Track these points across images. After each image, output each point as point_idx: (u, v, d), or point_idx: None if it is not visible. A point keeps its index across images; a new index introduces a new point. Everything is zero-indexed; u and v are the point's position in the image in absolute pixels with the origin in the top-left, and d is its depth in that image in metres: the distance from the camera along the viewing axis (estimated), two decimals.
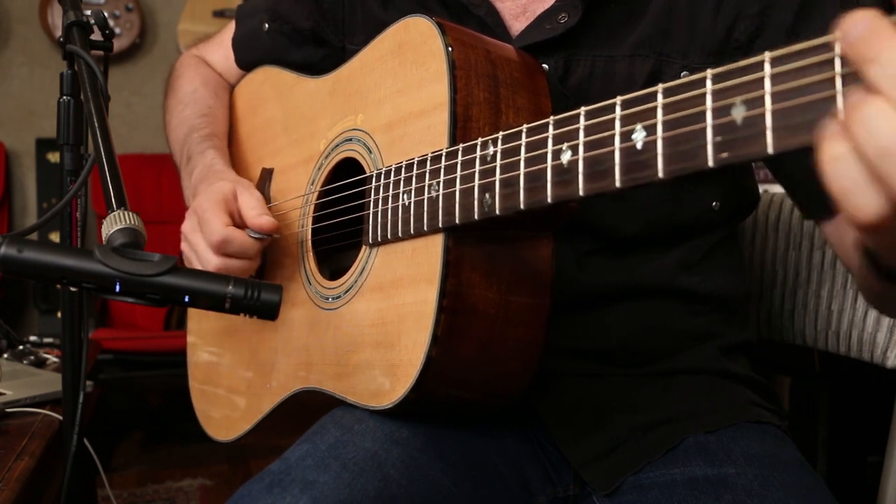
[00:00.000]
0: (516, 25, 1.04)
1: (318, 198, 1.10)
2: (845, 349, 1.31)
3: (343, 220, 1.07)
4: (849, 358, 1.31)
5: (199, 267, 1.07)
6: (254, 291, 0.75)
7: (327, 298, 1.04)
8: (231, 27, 1.38)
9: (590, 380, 1.03)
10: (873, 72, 0.45)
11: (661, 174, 0.61)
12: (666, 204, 1.02)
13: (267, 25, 1.28)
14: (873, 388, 1.46)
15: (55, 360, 1.75)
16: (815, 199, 0.98)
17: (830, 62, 0.50)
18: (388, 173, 0.94)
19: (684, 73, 0.98)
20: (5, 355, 1.73)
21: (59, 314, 1.82)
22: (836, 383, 1.61)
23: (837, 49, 0.50)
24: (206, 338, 1.37)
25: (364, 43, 1.07)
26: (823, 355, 1.47)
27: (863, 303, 1.27)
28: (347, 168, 1.06)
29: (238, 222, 1.06)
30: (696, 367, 1.06)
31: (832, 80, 0.50)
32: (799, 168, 0.97)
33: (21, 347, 1.77)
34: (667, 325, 1.04)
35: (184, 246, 1.11)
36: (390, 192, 0.93)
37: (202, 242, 1.05)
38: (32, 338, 1.99)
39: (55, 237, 3.54)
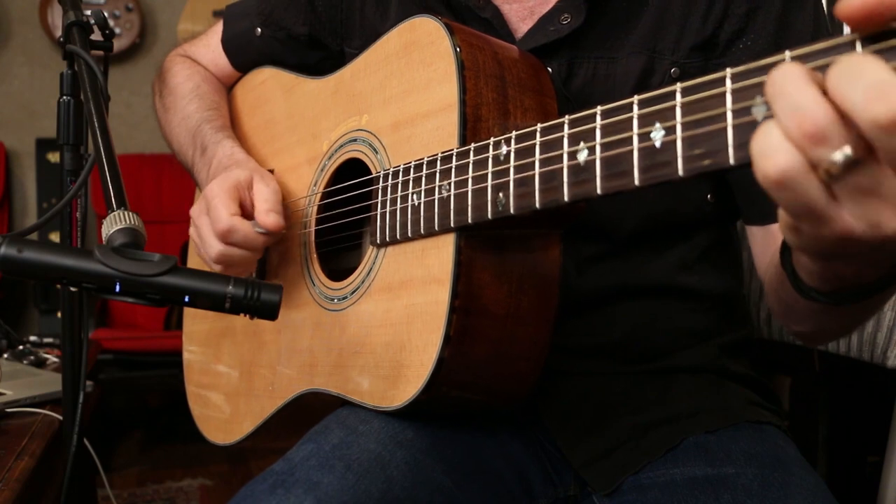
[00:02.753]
0: (522, 28, 1.04)
1: (322, 199, 1.10)
2: (845, 349, 1.31)
3: (348, 222, 1.06)
4: (849, 358, 1.31)
5: (202, 251, 1.08)
6: (254, 291, 0.75)
7: (332, 299, 1.04)
8: (216, 30, 1.36)
9: (591, 380, 1.03)
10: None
11: (680, 172, 0.61)
12: (664, 197, 1.03)
13: (259, 30, 1.27)
14: (873, 388, 1.46)
15: (55, 360, 1.75)
16: (757, 206, 1.01)
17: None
18: (395, 173, 0.94)
19: (674, 69, 1.00)
20: (5, 355, 1.73)
21: (59, 314, 1.82)
22: (836, 383, 1.61)
23: (859, 47, 0.50)
24: (204, 342, 1.36)
25: (361, 47, 1.07)
26: (823, 355, 1.47)
27: None
28: (351, 169, 1.06)
29: (249, 211, 1.05)
30: (697, 365, 1.06)
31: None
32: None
33: (21, 347, 1.77)
34: (666, 321, 1.05)
35: (191, 230, 1.11)
36: (399, 193, 0.93)
37: (208, 228, 1.05)
38: (32, 338, 1.99)
39: (55, 237, 3.55)
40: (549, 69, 0.98)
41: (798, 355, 1.54)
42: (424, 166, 0.89)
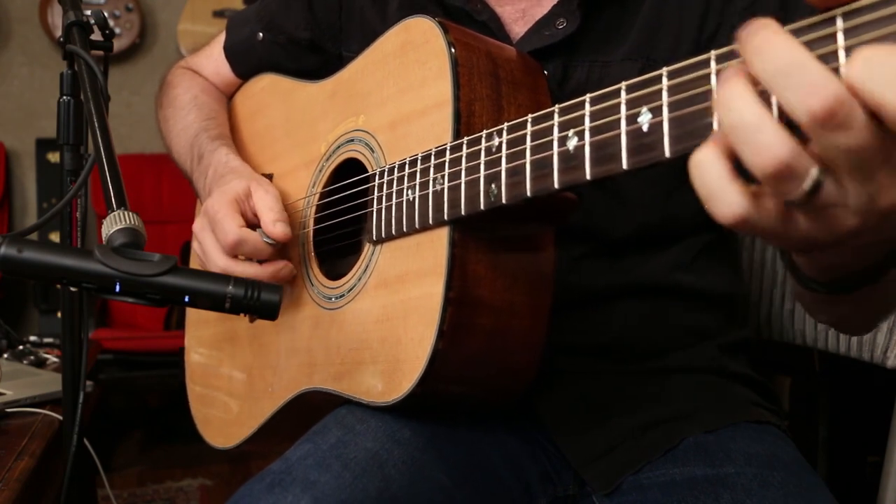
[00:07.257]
0: (515, 29, 1.05)
1: (319, 199, 1.10)
2: (845, 349, 1.31)
3: (345, 221, 1.07)
4: (849, 358, 1.31)
5: (206, 267, 1.08)
6: (254, 291, 0.75)
7: (330, 298, 1.04)
8: (218, 40, 1.38)
9: (589, 379, 1.03)
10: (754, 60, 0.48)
11: (667, 154, 0.62)
12: (658, 205, 1.03)
13: (261, 35, 1.28)
14: (873, 388, 1.46)
15: (55, 360, 1.75)
16: None
17: (833, 36, 0.50)
18: (391, 170, 0.95)
19: None
20: (5, 355, 1.73)
21: (59, 314, 1.82)
22: (836, 383, 1.61)
23: (840, 24, 0.50)
24: (205, 344, 1.36)
25: (359, 51, 1.08)
26: (823, 355, 1.47)
27: None
28: (349, 170, 1.06)
29: (251, 221, 1.06)
30: (695, 364, 1.06)
31: (835, 53, 0.50)
32: None
33: (21, 347, 1.77)
34: (663, 320, 1.05)
35: (194, 245, 1.12)
36: (394, 189, 0.93)
37: (212, 243, 1.06)
38: (32, 338, 1.99)
39: (55, 237, 3.54)
40: (545, 71, 0.98)
41: (798, 355, 1.54)
42: (419, 161, 0.90)
